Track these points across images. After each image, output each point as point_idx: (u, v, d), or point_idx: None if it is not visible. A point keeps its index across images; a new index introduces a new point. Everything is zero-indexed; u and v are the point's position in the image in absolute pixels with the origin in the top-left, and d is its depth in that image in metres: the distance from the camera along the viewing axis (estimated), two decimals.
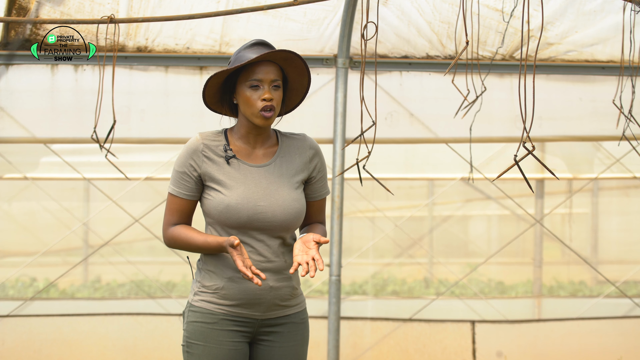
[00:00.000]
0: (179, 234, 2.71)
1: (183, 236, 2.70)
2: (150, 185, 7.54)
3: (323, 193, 2.84)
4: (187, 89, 5.07)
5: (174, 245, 2.74)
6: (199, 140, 2.71)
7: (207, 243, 2.65)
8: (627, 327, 5.99)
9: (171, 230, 2.72)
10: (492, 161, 6.55)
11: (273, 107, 2.67)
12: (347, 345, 5.76)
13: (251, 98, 2.66)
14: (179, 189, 2.71)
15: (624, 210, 8.83)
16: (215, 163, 2.69)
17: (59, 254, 8.23)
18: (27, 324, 5.64)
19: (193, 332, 2.70)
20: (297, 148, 2.79)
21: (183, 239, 2.70)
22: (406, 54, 5.12)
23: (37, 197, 8.09)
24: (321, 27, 4.98)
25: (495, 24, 4.95)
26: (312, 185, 2.80)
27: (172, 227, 2.73)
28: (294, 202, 2.70)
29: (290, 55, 2.69)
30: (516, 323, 5.90)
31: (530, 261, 7.88)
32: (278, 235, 2.70)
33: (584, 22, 5.01)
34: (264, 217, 2.66)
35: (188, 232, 2.70)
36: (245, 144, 2.74)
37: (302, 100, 2.83)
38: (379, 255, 8.65)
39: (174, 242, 2.73)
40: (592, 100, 5.26)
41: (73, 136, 5.13)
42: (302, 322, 2.80)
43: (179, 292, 8.45)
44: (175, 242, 2.72)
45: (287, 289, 2.74)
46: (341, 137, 5.09)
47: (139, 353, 5.68)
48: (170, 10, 4.72)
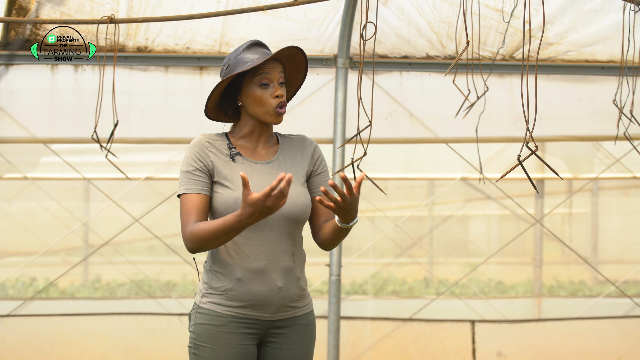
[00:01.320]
0: (198, 229, 2.56)
1: (202, 226, 2.56)
2: (150, 185, 7.54)
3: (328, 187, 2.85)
4: (187, 89, 5.07)
5: (196, 241, 2.57)
6: (203, 139, 2.72)
7: (226, 221, 2.49)
8: (627, 327, 5.99)
9: (190, 230, 2.59)
10: (492, 161, 6.54)
11: (285, 103, 2.72)
12: (347, 345, 5.76)
13: (263, 97, 2.68)
14: (192, 186, 2.65)
15: (624, 210, 8.82)
16: (221, 159, 2.69)
17: (59, 254, 8.23)
18: (27, 324, 5.64)
19: (201, 334, 2.67)
20: (298, 145, 2.82)
21: (202, 228, 2.55)
22: (406, 54, 5.12)
23: (37, 197, 8.08)
24: (321, 27, 4.98)
25: (496, 24, 4.95)
26: (316, 178, 2.80)
27: (191, 226, 2.60)
28: (300, 196, 2.70)
29: (295, 51, 2.73)
30: (516, 323, 5.90)
31: (530, 261, 7.88)
32: (287, 231, 2.69)
33: (583, 21, 5.01)
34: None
35: (206, 223, 2.57)
36: (247, 143, 2.75)
37: (294, 95, 2.87)
38: (379, 255, 8.65)
39: (195, 237, 2.57)
40: (592, 100, 5.26)
41: (73, 136, 5.13)
42: (310, 323, 2.79)
43: (179, 292, 8.45)
44: (196, 236, 2.56)
45: (295, 289, 2.72)
46: (341, 137, 5.09)
47: (139, 353, 5.67)
48: (170, 10, 4.72)
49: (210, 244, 2.57)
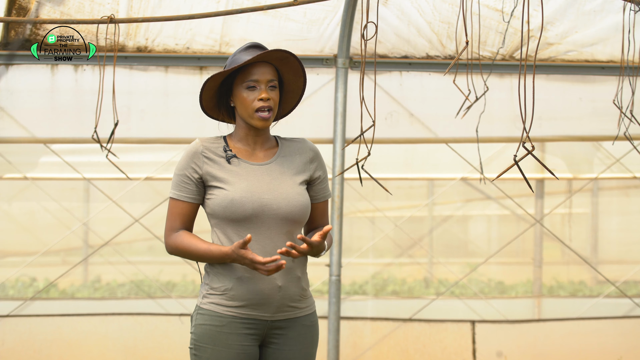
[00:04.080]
0: (182, 241, 2.69)
1: (186, 243, 2.68)
2: (150, 185, 7.54)
3: (325, 195, 2.84)
4: (187, 89, 5.07)
5: (176, 252, 2.71)
6: (199, 144, 2.72)
7: (209, 251, 2.64)
8: (627, 327, 5.99)
9: (174, 238, 2.70)
10: (492, 161, 6.54)
11: (270, 108, 2.68)
12: (347, 345, 5.76)
13: (247, 99, 2.67)
14: (180, 192, 2.71)
15: (624, 210, 8.83)
16: (216, 163, 2.70)
17: (59, 254, 8.23)
18: (27, 324, 5.64)
19: (201, 334, 2.68)
20: (297, 149, 2.80)
21: (186, 246, 2.68)
22: (406, 54, 5.12)
23: (37, 197, 8.09)
24: (321, 27, 4.98)
25: (495, 24, 4.95)
26: (313, 187, 2.81)
27: (175, 233, 2.71)
28: (298, 196, 2.70)
29: (285, 55, 2.70)
30: (516, 323, 5.90)
31: (530, 261, 7.89)
32: (285, 230, 2.69)
33: (584, 22, 5.01)
34: (269, 210, 2.66)
35: (191, 240, 2.68)
36: (245, 146, 2.75)
37: (298, 102, 2.84)
38: (379, 255, 8.65)
39: (176, 249, 2.70)
40: (592, 100, 5.26)
41: (73, 136, 5.13)
42: (312, 324, 2.79)
43: (179, 292, 8.45)
44: (178, 249, 2.70)
45: (296, 289, 2.72)
46: (341, 137, 5.09)
47: (139, 353, 5.67)
48: (170, 10, 4.72)
49: (187, 257, 2.72)
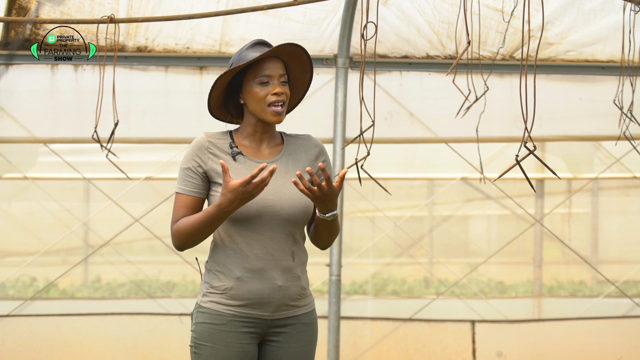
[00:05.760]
0: (181, 223, 2.64)
1: (185, 222, 2.63)
2: (150, 185, 7.54)
3: None
4: (187, 89, 5.07)
5: (180, 238, 2.65)
6: (205, 138, 2.71)
7: (207, 213, 2.57)
8: (627, 327, 5.99)
9: (175, 227, 2.66)
10: (492, 161, 6.54)
11: (284, 102, 2.69)
12: (347, 345, 5.76)
13: (260, 94, 2.67)
14: (185, 186, 2.69)
15: (624, 210, 8.83)
16: (221, 159, 2.69)
17: (59, 254, 8.23)
18: (27, 324, 5.64)
19: (201, 333, 2.68)
20: (303, 146, 2.80)
21: (185, 224, 2.62)
22: (406, 54, 5.12)
23: (37, 196, 8.08)
24: (321, 27, 4.98)
25: (496, 24, 4.95)
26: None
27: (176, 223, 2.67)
28: (302, 197, 2.69)
29: (296, 49, 2.72)
30: (516, 323, 5.90)
31: (530, 261, 7.88)
32: (287, 231, 2.69)
33: (584, 21, 5.01)
34: (272, 210, 2.66)
35: (189, 217, 2.64)
36: (251, 143, 2.75)
37: (303, 97, 2.85)
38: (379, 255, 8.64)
39: (180, 234, 2.64)
40: (592, 100, 5.26)
41: (73, 136, 5.13)
42: (311, 322, 2.79)
43: (179, 292, 8.45)
44: (181, 232, 2.64)
45: (296, 288, 2.72)
46: (341, 137, 5.09)
47: (139, 353, 5.67)
48: (170, 10, 4.72)
49: (195, 238, 2.63)
